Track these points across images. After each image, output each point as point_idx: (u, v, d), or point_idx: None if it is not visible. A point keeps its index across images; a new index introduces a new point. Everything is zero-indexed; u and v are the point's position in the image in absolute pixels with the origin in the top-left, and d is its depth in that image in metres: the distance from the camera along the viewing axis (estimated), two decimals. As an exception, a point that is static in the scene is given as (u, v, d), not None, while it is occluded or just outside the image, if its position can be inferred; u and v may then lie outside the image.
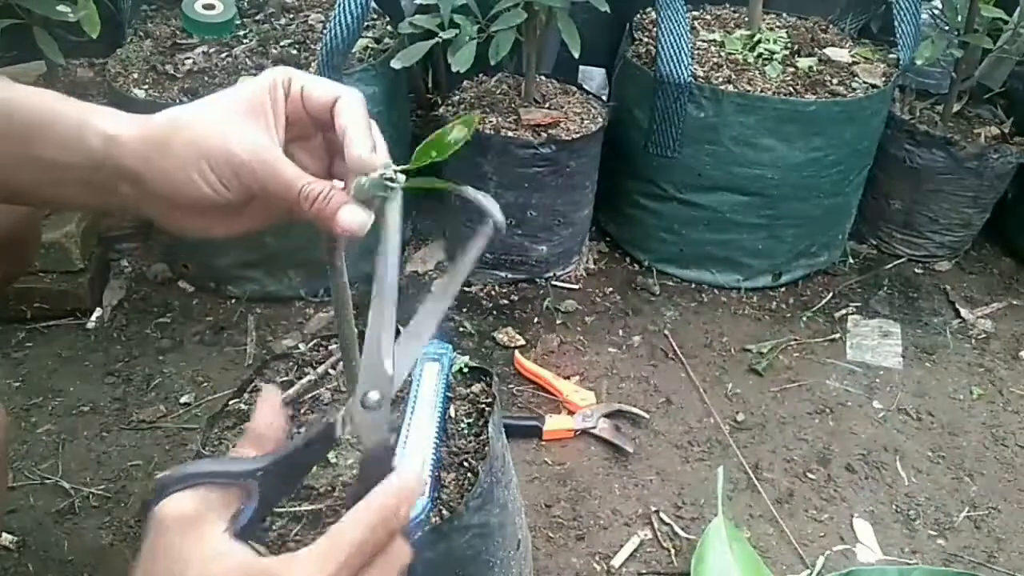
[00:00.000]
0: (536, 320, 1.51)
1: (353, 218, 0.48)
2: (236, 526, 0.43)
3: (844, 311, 1.58)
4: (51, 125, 0.49)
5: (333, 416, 0.47)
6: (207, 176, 0.48)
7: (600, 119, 1.51)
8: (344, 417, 0.47)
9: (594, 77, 1.89)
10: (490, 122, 1.45)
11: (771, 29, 1.64)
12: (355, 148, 0.48)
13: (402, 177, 0.48)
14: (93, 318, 1.45)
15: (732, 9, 1.76)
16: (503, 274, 1.57)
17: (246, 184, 0.48)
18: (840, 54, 1.57)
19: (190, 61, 1.43)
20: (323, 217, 0.49)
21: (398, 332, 0.48)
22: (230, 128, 0.48)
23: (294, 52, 1.46)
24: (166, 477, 0.42)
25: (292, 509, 0.72)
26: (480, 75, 1.59)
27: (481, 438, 0.79)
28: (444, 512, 0.72)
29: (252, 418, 0.48)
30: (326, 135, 0.54)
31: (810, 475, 1.24)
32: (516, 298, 1.56)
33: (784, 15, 1.73)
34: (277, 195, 0.48)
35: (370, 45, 1.49)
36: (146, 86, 1.38)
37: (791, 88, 1.45)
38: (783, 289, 1.63)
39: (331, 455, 0.75)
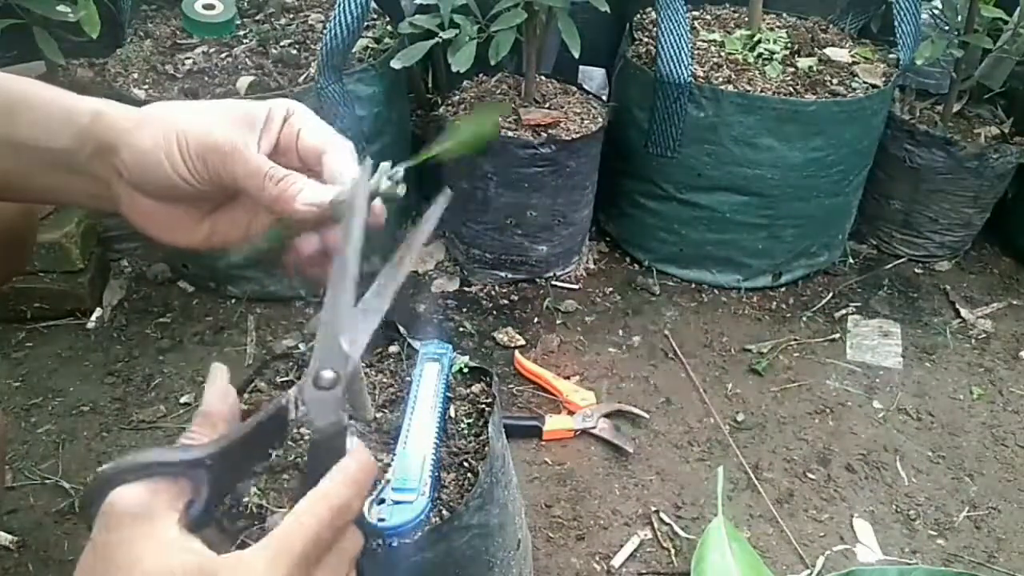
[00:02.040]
0: (536, 320, 1.51)
1: (314, 195, 0.49)
2: (188, 517, 0.41)
3: (844, 311, 1.58)
4: (39, 107, 0.49)
5: (285, 397, 0.45)
6: (174, 157, 0.47)
7: (600, 119, 1.50)
8: (296, 398, 0.45)
9: (594, 77, 1.89)
10: (490, 122, 1.45)
11: (771, 29, 1.64)
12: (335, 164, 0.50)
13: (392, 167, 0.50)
14: (93, 318, 1.46)
15: (732, 9, 1.76)
16: (503, 274, 1.57)
17: (213, 171, 0.48)
18: (840, 54, 1.57)
19: (190, 61, 1.43)
20: (285, 198, 0.49)
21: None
22: (215, 120, 0.49)
23: (294, 52, 1.46)
24: (110, 469, 0.39)
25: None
26: (480, 75, 1.59)
27: (481, 438, 0.79)
28: (444, 512, 0.72)
29: (203, 399, 0.46)
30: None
31: (810, 475, 1.24)
32: (516, 298, 1.56)
33: (784, 15, 1.73)
34: (243, 179, 0.48)
35: (370, 45, 1.49)
36: (146, 86, 1.38)
37: (791, 88, 1.45)
38: (783, 289, 1.63)
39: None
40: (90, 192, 0.51)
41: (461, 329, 1.47)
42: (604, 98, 1.64)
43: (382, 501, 0.70)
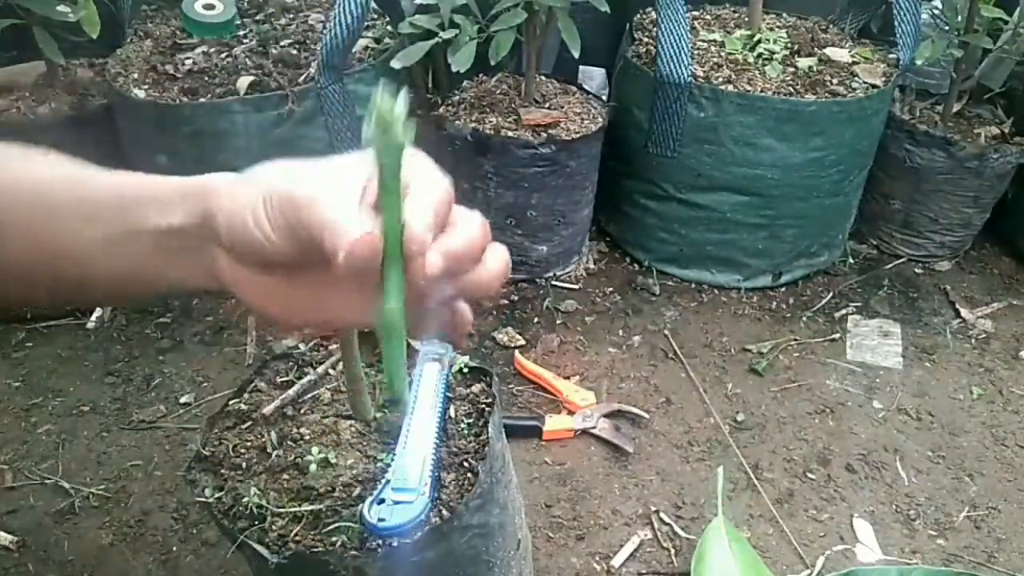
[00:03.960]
0: (536, 320, 1.51)
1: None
2: None
3: (844, 311, 1.58)
4: (155, 187, 0.45)
5: None
6: (258, 213, 0.41)
7: (600, 119, 1.51)
8: None
9: (594, 77, 1.89)
10: (490, 122, 1.45)
11: (771, 29, 1.64)
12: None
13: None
14: (93, 318, 1.46)
15: (732, 9, 1.76)
16: (503, 274, 1.57)
17: (290, 225, 0.40)
18: (840, 54, 1.57)
19: (190, 61, 1.43)
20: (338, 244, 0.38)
21: None
22: (311, 174, 0.41)
23: (294, 52, 1.46)
24: None
25: (292, 510, 0.72)
26: (480, 75, 1.59)
27: (481, 438, 0.79)
28: (444, 512, 0.72)
29: None
30: None
31: (810, 475, 1.24)
32: (516, 298, 1.56)
33: (784, 15, 1.73)
34: (318, 232, 0.39)
35: (370, 45, 1.49)
36: (146, 86, 1.38)
37: (791, 88, 1.45)
38: (783, 289, 1.63)
39: (331, 455, 0.75)
40: (201, 270, 0.45)
41: (461, 329, 1.47)
42: (604, 98, 1.64)
43: (382, 501, 0.70)
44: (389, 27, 1.56)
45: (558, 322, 1.51)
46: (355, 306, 0.44)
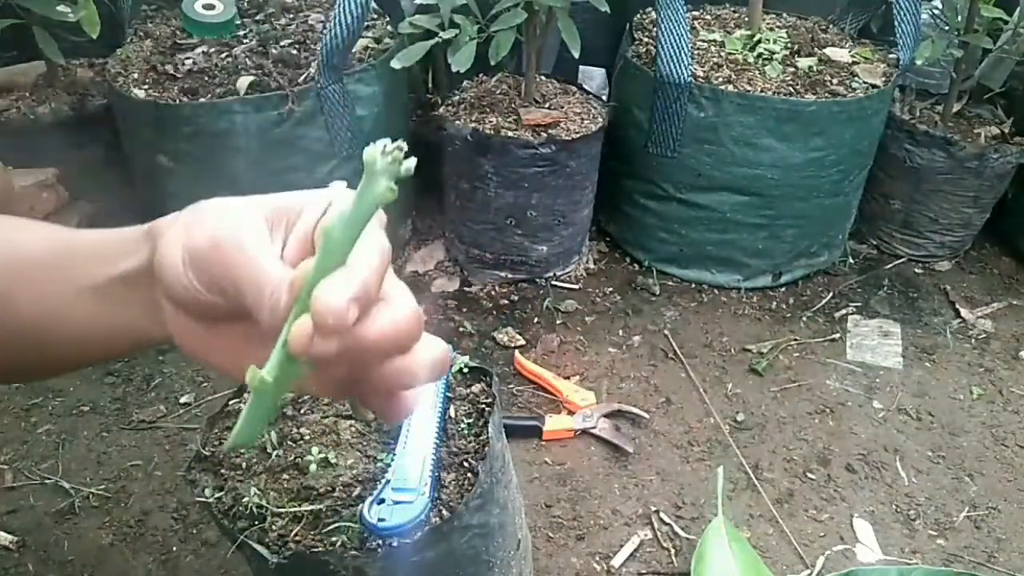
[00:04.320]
0: (536, 320, 1.51)
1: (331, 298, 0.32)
2: None
3: (844, 311, 1.58)
4: (107, 241, 0.43)
5: None
6: (182, 259, 0.38)
7: (600, 119, 1.51)
8: None
9: (594, 77, 1.89)
10: (490, 122, 1.45)
11: (771, 29, 1.64)
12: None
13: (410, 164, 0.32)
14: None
15: (732, 9, 1.76)
16: (503, 274, 1.57)
17: (214, 276, 0.36)
18: (840, 54, 1.57)
19: (190, 61, 1.43)
20: (275, 317, 0.34)
21: None
22: (239, 213, 0.37)
23: (294, 52, 1.46)
24: None
25: (292, 510, 0.72)
26: (480, 75, 1.59)
27: (481, 438, 0.79)
28: (444, 512, 0.72)
29: None
30: None
31: (810, 475, 1.24)
32: (516, 298, 1.56)
33: (784, 15, 1.73)
34: (245, 289, 0.35)
35: (370, 45, 1.49)
36: (146, 86, 1.38)
37: (791, 88, 1.45)
38: (783, 289, 1.63)
39: (331, 455, 0.75)
40: (153, 316, 0.42)
41: (461, 329, 1.47)
42: (604, 98, 1.64)
43: (382, 501, 0.70)
44: (389, 27, 1.56)
45: (558, 322, 1.51)
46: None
